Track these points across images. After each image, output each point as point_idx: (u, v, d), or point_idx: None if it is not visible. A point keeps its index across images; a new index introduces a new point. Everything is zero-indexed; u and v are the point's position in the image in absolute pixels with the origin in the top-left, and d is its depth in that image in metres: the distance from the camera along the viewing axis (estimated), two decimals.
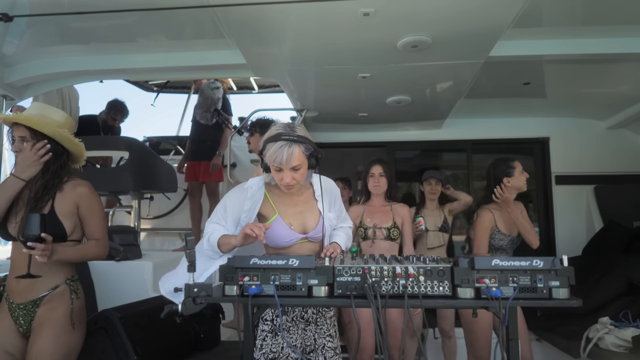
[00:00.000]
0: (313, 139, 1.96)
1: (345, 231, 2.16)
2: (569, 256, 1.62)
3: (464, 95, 3.92)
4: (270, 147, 1.85)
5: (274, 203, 2.01)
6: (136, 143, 4.25)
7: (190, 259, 1.59)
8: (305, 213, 2.04)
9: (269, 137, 1.88)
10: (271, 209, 2.01)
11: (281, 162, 1.83)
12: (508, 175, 2.94)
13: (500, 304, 1.49)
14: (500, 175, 2.94)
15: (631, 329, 3.10)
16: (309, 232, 2.02)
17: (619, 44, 2.95)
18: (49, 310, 2.06)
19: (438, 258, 1.74)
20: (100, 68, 3.40)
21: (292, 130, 1.86)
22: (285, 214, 2.01)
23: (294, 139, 1.83)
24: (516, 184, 2.94)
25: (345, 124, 4.87)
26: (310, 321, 2.03)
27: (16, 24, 2.55)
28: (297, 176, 1.88)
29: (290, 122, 1.94)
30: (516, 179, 2.94)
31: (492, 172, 3.01)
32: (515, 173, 2.94)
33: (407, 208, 3.37)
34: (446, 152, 5.55)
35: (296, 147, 1.83)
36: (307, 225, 2.03)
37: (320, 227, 2.02)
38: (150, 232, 5.62)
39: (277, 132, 1.85)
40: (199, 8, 2.46)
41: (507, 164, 2.98)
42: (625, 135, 4.83)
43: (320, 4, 2.28)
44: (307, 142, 1.87)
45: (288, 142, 1.82)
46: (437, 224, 3.82)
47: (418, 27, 2.63)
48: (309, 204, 2.05)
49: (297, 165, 1.85)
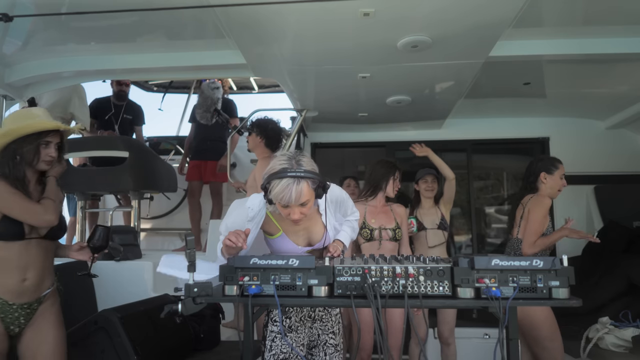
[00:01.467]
0: (313, 139, 1.95)
1: (350, 224, 2.15)
2: (569, 256, 1.62)
3: (464, 95, 3.92)
4: (275, 184, 1.74)
5: (278, 221, 1.98)
6: (136, 143, 4.26)
7: (190, 259, 1.59)
8: (310, 228, 2.01)
9: (273, 173, 1.76)
10: (275, 227, 1.99)
11: (289, 201, 1.74)
12: (548, 172, 2.93)
13: (500, 304, 1.49)
14: (540, 169, 2.94)
15: (631, 329, 3.09)
16: (315, 244, 2.02)
17: (619, 44, 2.95)
18: (51, 304, 2.18)
19: (438, 258, 1.74)
20: (100, 68, 3.41)
21: (297, 165, 1.76)
22: (289, 231, 1.98)
23: (301, 176, 1.73)
24: (551, 183, 2.92)
25: (345, 124, 4.87)
26: (317, 319, 2.05)
27: (16, 23, 2.54)
28: (305, 210, 1.80)
29: (295, 153, 1.84)
30: (553, 179, 2.93)
31: (534, 165, 3.01)
32: (555, 173, 2.93)
33: (404, 208, 3.37)
34: (446, 152, 5.52)
35: (304, 183, 1.73)
36: (312, 239, 2.02)
37: (323, 240, 2.02)
38: (150, 232, 5.62)
39: (282, 168, 1.75)
40: (199, 8, 2.46)
41: (552, 161, 2.99)
42: (625, 135, 4.83)
43: (320, 4, 2.28)
44: (313, 176, 1.76)
45: (295, 179, 1.72)
46: (435, 222, 3.76)
47: (418, 27, 2.63)
48: (314, 220, 2.01)
49: (305, 202, 1.77)
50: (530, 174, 3.01)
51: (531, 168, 3.02)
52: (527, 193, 3.00)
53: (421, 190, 3.84)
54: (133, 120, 5.06)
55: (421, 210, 3.82)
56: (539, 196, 2.94)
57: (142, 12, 2.50)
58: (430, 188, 3.80)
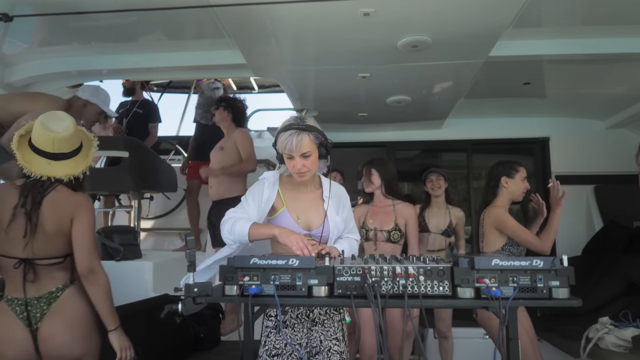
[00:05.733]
0: None
1: (350, 242, 2.16)
2: (569, 256, 1.62)
3: (464, 95, 3.92)
4: (281, 136, 1.96)
5: (284, 197, 2.09)
6: (136, 143, 4.25)
7: (190, 259, 1.59)
8: (311, 211, 2.08)
9: (280, 128, 1.98)
10: (280, 202, 2.08)
11: (291, 149, 1.93)
12: (508, 176, 2.87)
13: (500, 304, 1.49)
14: (500, 174, 2.88)
15: (631, 329, 3.09)
16: (313, 229, 2.05)
17: (619, 44, 2.95)
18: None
19: (438, 258, 1.74)
20: (100, 68, 3.41)
21: (301, 121, 1.98)
22: (292, 208, 2.07)
23: (303, 128, 1.94)
24: (513, 187, 2.87)
25: (345, 124, 4.87)
26: (317, 322, 2.03)
27: (16, 23, 2.54)
28: (308, 163, 1.97)
29: (301, 115, 2.07)
30: (515, 183, 2.86)
31: (495, 170, 2.94)
32: (516, 176, 2.87)
33: (412, 207, 3.28)
34: (446, 152, 5.54)
35: (305, 135, 1.94)
36: (311, 222, 2.07)
37: (323, 227, 2.04)
38: (150, 232, 5.62)
39: (288, 123, 1.98)
40: (199, 8, 2.47)
41: (511, 164, 2.91)
42: (625, 135, 4.82)
43: (320, 4, 2.28)
44: (316, 131, 1.97)
45: (297, 131, 1.93)
46: (440, 227, 3.72)
47: (418, 27, 2.63)
48: (316, 203, 2.10)
49: (307, 152, 1.95)
50: (491, 178, 2.94)
51: (492, 173, 2.95)
52: (490, 198, 2.94)
53: (428, 190, 3.82)
54: (146, 117, 5.01)
55: (430, 211, 3.79)
56: (493, 208, 2.87)
57: (142, 12, 2.50)
58: (437, 186, 3.76)
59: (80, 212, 2.04)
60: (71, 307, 2.03)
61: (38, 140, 2.01)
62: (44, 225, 1.99)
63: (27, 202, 1.97)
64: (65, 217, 2.02)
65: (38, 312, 1.99)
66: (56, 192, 2.02)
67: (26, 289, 1.99)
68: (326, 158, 2.06)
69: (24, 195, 1.98)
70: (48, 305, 2.00)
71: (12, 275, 2.00)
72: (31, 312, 1.98)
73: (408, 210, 3.23)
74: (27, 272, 1.99)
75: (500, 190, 2.91)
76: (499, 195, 2.91)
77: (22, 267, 1.98)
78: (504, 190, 2.89)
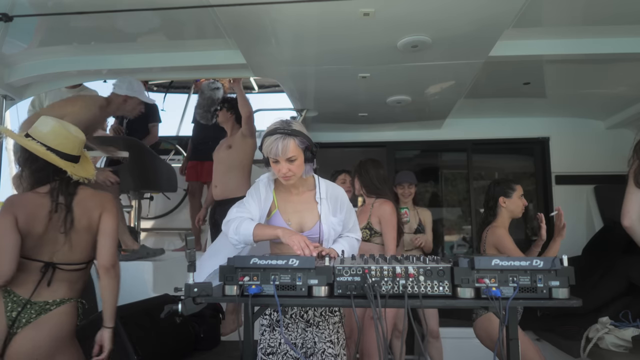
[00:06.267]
0: (313, 139, 2.00)
1: (349, 241, 2.15)
2: (569, 256, 1.62)
3: (464, 95, 3.92)
4: (267, 140, 1.97)
5: (277, 198, 2.10)
6: (136, 143, 4.25)
7: (190, 259, 1.59)
8: (304, 213, 2.08)
9: (266, 132, 1.99)
10: (273, 204, 2.09)
11: (277, 154, 1.93)
12: (506, 196, 2.95)
13: (500, 304, 1.49)
14: (498, 195, 2.95)
15: (631, 329, 3.09)
16: (305, 231, 2.05)
17: (619, 44, 2.94)
18: None
19: (438, 258, 1.74)
20: (100, 68, 3.41)
21: (287, 125, 1.98)
22: (284, 210, 2.08)
23: (288, 132, 1.94)
24: (511, 206, 2.95)
25: (345, 124, 4.87)
26: (312, 323, 2.03)
27: (16, 23, 2.54)
28: (293, 168, 1.97)
29: (288, 119, 2.05)
30: (513, 202, 2.95)
31: (491, 190, 3.01)
32: (513, 195, 2.95)
33: (390, 205, 3.17)
34: (446, 152, 5.54)
35: (290, 140, 1.93)
36: (304, 224, 2.07)
37: (316, 229, 2.04)
38: (150, 232, 5.62)
39: (274, 127, 1.98)
40: (199, 8, 2.47)
41: (507, 184, 2.99)
42: (625, 135, 4.81)
43: (320, 4, 2.28)
44: (301, 136, 1.97)
45: (282, 135, 1.93)
46: (412, 227, 3.85)
47: (418, 27, 2.63)
48: (309, 205, 2.09)
49: (292, 157, 1.94)
50: (489, 199, 3.02)
51: (489, 193, 3.03)
52: (489, 218, 3.01)
53: (399, 195, 3.95)
54: (146, 116, 4.99)
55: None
56: (495, 228, 2.93)
57: (142, 12, 2.50)
58: (408, 193, 3.92)
59: (108, 208, 2.13)
60: (55, 326, 2.02)
61: (65, 145, 2.05)
62: (76, 225, 2.05)
63: (59, 206, 2.02)
64: (95, 214, 2.10)
65: (24, 318, 1.97)
66: (82, 192, 2.10)
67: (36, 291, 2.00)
68: (312, 162, 2.05)
69: (55, 200, 2.02)
70: (37, 315, 1.99)
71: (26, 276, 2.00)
72: (20, 314, 1.96)
73: (382, 208, 3.15)
74: (47, 276, 2.01)
75: (499, 210, 2.98)
76: (499, 215, 2.98)
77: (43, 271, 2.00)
78: (503, 210, 2.97)
